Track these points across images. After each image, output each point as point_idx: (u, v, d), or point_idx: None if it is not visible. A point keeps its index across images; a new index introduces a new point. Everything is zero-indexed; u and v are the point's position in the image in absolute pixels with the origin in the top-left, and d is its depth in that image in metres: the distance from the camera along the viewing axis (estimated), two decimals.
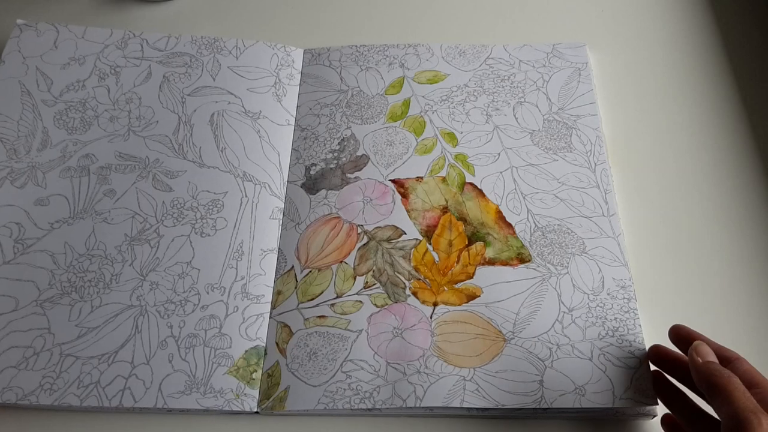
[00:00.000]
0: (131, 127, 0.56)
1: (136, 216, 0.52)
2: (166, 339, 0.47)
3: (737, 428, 0.34)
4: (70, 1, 0.65)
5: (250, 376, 0.46)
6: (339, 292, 0.49)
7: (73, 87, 0.58)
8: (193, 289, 0.49)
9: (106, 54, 0.60)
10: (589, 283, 0.49)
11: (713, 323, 0.47)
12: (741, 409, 0.35)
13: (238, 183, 0.53)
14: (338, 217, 0.52)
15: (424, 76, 0.59)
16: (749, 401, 0.35)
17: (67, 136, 0.55)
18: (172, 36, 0.60)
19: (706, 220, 0.53)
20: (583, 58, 0.59)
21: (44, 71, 0.58)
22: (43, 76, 0.58)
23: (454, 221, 0.52)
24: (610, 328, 0.47)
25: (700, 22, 0.63)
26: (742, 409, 0.35)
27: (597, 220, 0.51)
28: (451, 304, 0.48)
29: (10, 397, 0.45)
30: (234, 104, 0.57)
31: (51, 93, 0.57)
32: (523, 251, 0.50)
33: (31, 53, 0.59)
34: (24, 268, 0.49)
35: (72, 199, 0.52)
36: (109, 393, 0.45)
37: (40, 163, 0.54)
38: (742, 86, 0.59)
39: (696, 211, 0.53)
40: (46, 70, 0.58)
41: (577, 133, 0.55)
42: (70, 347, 0.46)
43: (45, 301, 0.48)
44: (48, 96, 0.57)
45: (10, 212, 0.51)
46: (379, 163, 0.55)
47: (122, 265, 0.50)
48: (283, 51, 0.60)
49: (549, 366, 0.45)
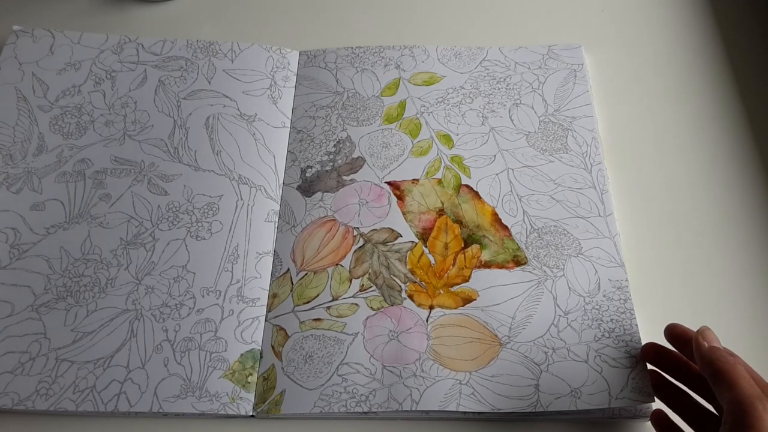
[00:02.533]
0: (126, 131, 0.56)
1: (131, 220, 0.52)
2: (161, 343, 0.47)
3: (741, 414, 0.33)
4: (69, 2, 0.65)
5: (245, 380, 0.46)
6: (335, 294, 0.49)
7: (69, 92, 0.58)
8: (189, 293, 0.49)
9: (102, 59, 0.60)
10: (585, 286, 0.48)
11: (710, 323, 0.47)
12: (746, 395, 0.34)
13: (234, 186, 0.53)
14: (334, 219, 0.52)
15: (419, 78, 0.59)
16: (753, 388, 0.35)
17: (62, 141, 0.55)
18: (167, 40, 0.60)
19: (703, 220, 0.53)
20: (578, 60, 0.59)
21: (40, 77, 0.58)
22: (39, 82, 0.58)
23: (450, 224, 0.51)
24: (606, 330, 0.46)
25: (696, 22, 0.63)
26: (747, 395, 0.34)
27: (593, 221, 0.51)
28: (447, 308, 0.48)
29: (6, 402, 0.45)
30: (229, 107, 0.57)
31: (47, 98, 0.57)
32: (519, 253, 0.50)
33: (27, 59, 0.59)
34: (20, 273, 0.49)
35: (68, 203, 0.52)
36: (104, 397, 0.45)
37: (36, 168, 0.54)
38: (740, 86, 0.59)
39: (693, 211, 0.53)
40: (42, 75, 0.58)
41: (573, 134, 0.55)
42: (66, 352, 0.46)
43: (41, 306, 0.48)
44: (44, 101, 0.57)
45: (6, 218, 0.51)
46: (374, 165, 0.54)
47: (118, 269, 0.49)
48: (278, 53, 0.60)
49: (545, 370, 0.45)
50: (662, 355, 0.44)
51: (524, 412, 0.44)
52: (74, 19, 0.63)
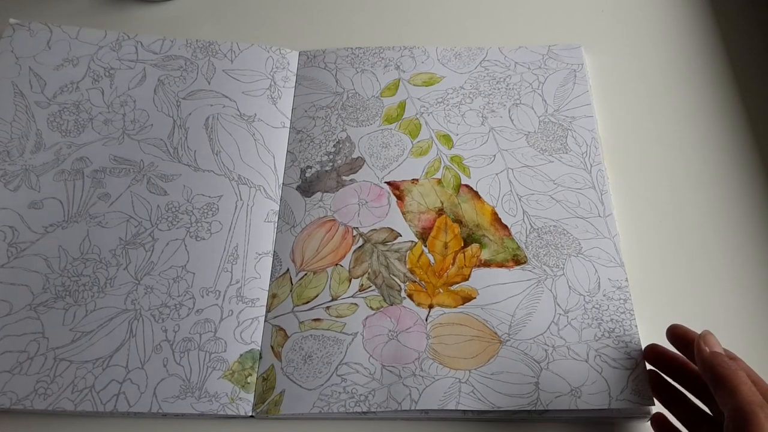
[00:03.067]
0: (126, 130, 0.56)
1: (130, 220, 0.51)
2: (160, 343, 0.47)
3: (743, 421, 0.33)
4: (68, 2, 0.65)
5: (245, 380, 0.46)
6: (334, 294, 0.49)
7: (67, 88, 0.58)
8: (188, 293, 0.49)
9: (100, 56, 0.59)
10: (585, 285, 0.48)
11: (710, 324, 0.47)
12: (747, 402, 0.34)
13: (233, 186, 0.53)
14: (333, 219, 0.52)
15: (419, 79, 0.59)
16: (755, 395, 0.35)
17: (60, 138, 0.55)
18: (167, 39, 0.60)
19: (703, 220, 0.53)
20: (578, 60, 0.59)
21: (37, 72, 0.58)
22: (37, 77, 0.58)
23: (449, 223, 0.51)
24: (606, 330, 0.46)
25: (696, 22, 0.63)
26: (748, 402, 0.34)
27: (593, 221, 0.51)
28: (447, 307, 0.48)
29: (4, 401, 0.44)
30: (229, 107, 0.57)
31: (44, 94, 0.57)
32: (518, 253, 0.50)
33: (24, 53, 0.59)
34: (18, 272, 0.49)
35: (66, 202, 0.52)
36: (103, 397, 0.45)
37: (34, 165, 0.54)
38: (740, 86, 0.59)
39: (692, 212, 0.53)
40: (40, 71, 0.58)
41: (573, 134, 0.55)
42: (64, 351, 0.46)
43: (39, 305, 0.48)
44: (41, 97, 0.57)
45: (4, 215, 0.51)
46: (374, 166, 0.54)
47: (117, 269, 0.49)
48: (278, 53, 0.60)
49: (545, 368, 0.45)
50: (663, 358, 0.44)
51: (523, 411, 0.44)
52: (74, 19, 0.63)
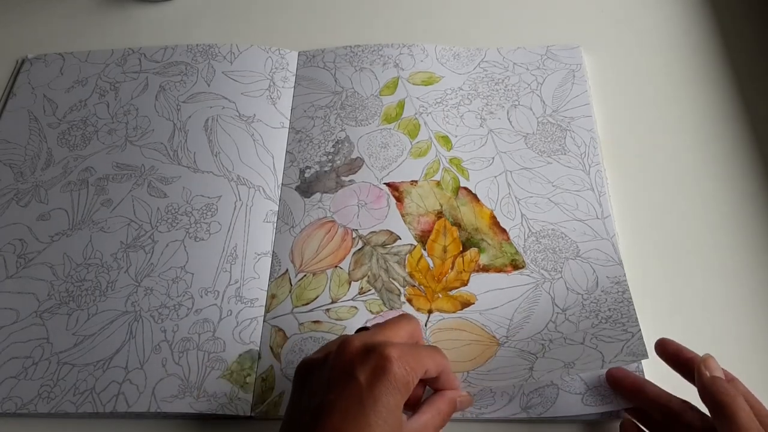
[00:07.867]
0: (128, 137, 0.57)
1: (131, 223, 0.52)
2: (159, 343, 0.47)
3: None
4: (68, 1, 0.65)
5: (243, 380, 0.46)
6: (334, 297, 0.49)
7: (76, 107, 0.59)
8: (187, 293, 0.49)
9: (107, 72, 0.61)
10: (583, 285, 0.48)
11: (710, 325, 0.47)
12: (744, 429, 0.35)
13: (232, 187, 0.53)
14: (333, 220, 0.52)
15: (418, 78, 0.59)
16: (754, 423, 0.35)
17: (68, 153, 0.57)
18: (168, 47, 0.61)
19: (702, 221, 0.53)
20: (577, 60, 0.59)
21: (50, 97, 0.60)
22: (49, 102, 0.60)
23: (448, 226, 0.52)
24: (603, 318, 0.46)
25: (696, 22, 0.63)
26: (745, 428, 0.35)
27: (591, 223, 0.51)
28: (446, 312, 0.48)
29: (10, 407, 0.45)
30: (228, 109, 0.57)
31: (56, 116, 0.59)
32: (516, 257, 0.50)
33: (39, 83, 0.61)
34: (25, 281, 0.50)
35: (71, 211, 0.53)
36: (103, 399, 0.45)
37: (44, 181, 0.55)
38: (740, 86, 0.59)
39: (691, 212, 0.53)
40: (52, 96, 0.60)
41: (572, 135, 0.55)
42: (67, 355, 0.47)
43: (44, 312, 0.49)
44: (53, 119, 0.59)
45: (14, 230, 0.53)
46: (373, 166, 0.55)
47: (118, 272, 0.50)
48: (277, 54, 0.60)
49: (540, 357, 0.45)
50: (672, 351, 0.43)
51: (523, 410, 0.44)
52: (74, 19, 0.63)
